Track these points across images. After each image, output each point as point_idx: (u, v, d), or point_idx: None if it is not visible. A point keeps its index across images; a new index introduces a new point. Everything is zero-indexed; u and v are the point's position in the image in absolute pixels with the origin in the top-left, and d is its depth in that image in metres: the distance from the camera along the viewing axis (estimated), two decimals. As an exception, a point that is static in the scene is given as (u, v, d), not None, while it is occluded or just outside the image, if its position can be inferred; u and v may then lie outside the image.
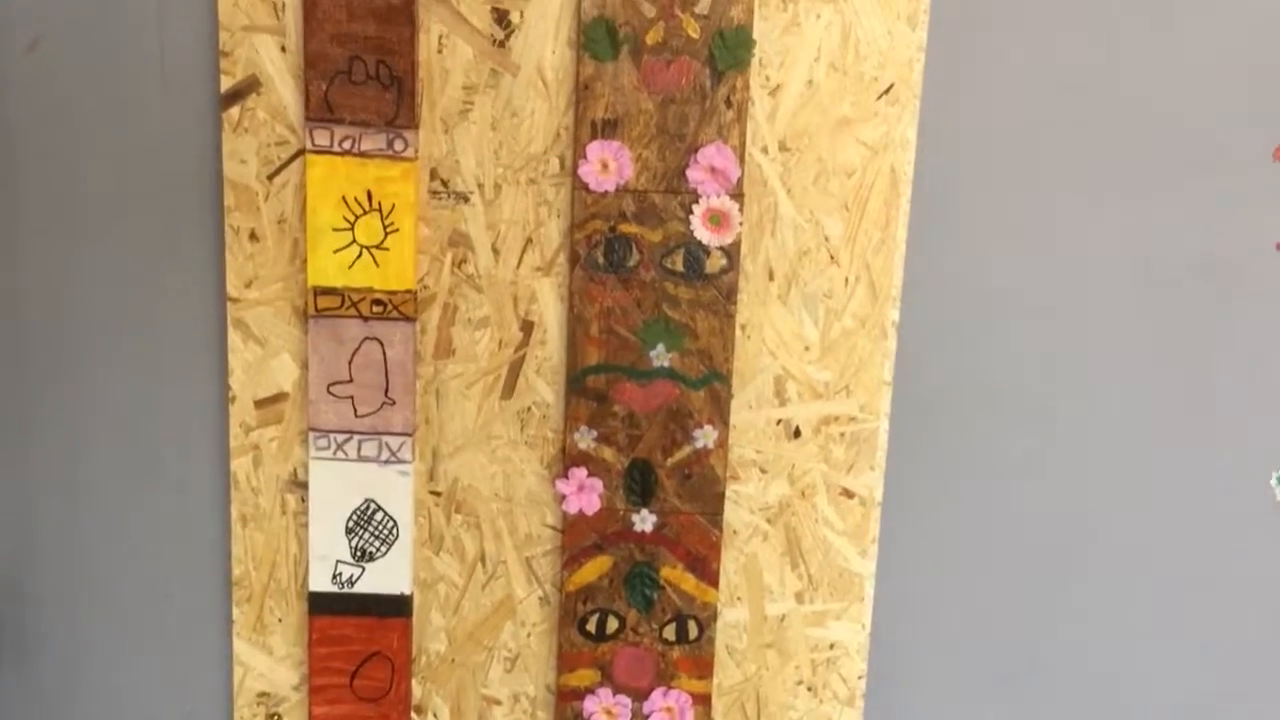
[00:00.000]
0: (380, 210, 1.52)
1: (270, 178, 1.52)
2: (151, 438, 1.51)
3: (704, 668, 1.41)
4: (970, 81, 1.43)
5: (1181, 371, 1.43)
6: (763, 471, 1.42)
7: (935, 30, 1.42)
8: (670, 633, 1.42)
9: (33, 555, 1.43)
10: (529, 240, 1.52)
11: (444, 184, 1.53)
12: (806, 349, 1.53)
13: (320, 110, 1.48)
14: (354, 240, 1.51)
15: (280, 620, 1.43)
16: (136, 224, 1.49)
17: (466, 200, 1.53)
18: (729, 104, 1.48)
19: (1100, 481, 1.41)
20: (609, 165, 1.51)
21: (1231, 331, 1.42)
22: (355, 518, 1.41)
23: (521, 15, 1.45)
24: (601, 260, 1.51)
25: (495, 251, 1.53)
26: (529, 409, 1.54)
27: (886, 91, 1.50)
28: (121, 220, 1.47)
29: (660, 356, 1.42)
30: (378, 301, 1.53)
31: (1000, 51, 1.43)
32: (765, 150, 1.50)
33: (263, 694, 1.45)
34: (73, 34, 1.39)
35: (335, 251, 1.51)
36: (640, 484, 1.40)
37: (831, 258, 1.54)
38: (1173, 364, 1.42)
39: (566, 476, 1.40)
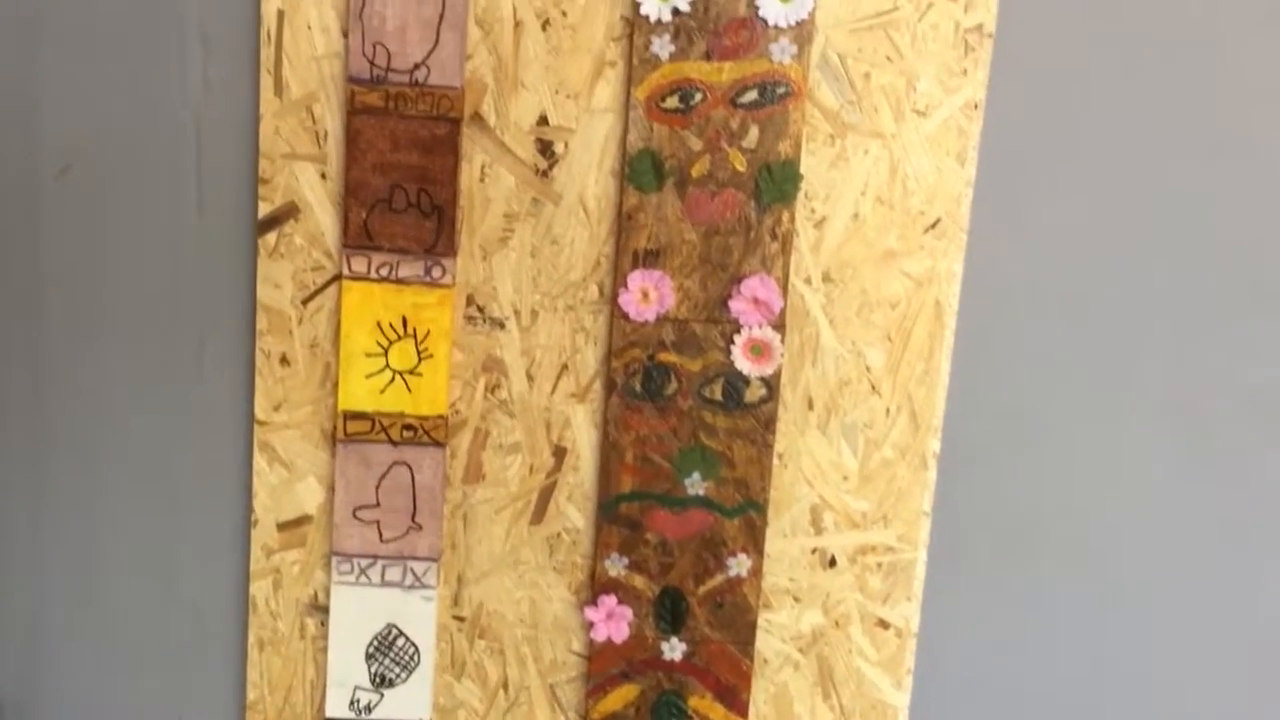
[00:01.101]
0: (415, 336, 1.55)
1: (305, 302, 1.55)
2: (171, 559, 1.53)
3: (732, 800, 1.46)
4: (1017, 217, 1.49)
5: (1224, 508, 1.47)
6: (796, 600, 1.49)
7: (984, 167, 1.47)
8: (698, 762, 1.44)
9: (44, 675, 1.47)
10: (564, 366, 1.55)
11: (480, 310, 1.56)
12: (845, 479, 1.56)
13: (359, 237, 1.52)
14: (387, 365, 1.54)
15: (295, 747, 1.46)
16: (165, 343, 1.53)
17: (502, 326, 1.57)
18: (774, 236, 1.52)
19: (1139, 619, 1.46)
20: (650, 294, 1.54)
21: (1275, 469, 1.44)
22: (376, 643, 1.46)
23: (566, 146, 1.52)
24: (639, 388, 1.54)
25: (530, 377, 1.56)
26: (559, 535, 1.58)
27: (933, 226, 1.54)
28: (150, 339, 1.52)
29: (695, 485, 1.50)
30: (408, 426, 1.57)
31: (1047, 188, 1.50)
32: (809, 281, 1.54)
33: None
34: (106, 159, 1.47)
35: (368, 376, 1.54)
36: (671, 612, 1.46)
37: (873, 388, 1.56)
38: (1216, 501, 1.46)
39: (595, 604, 1.46)
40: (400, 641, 1.55)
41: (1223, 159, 1.46)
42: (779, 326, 1.56)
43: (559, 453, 1.60)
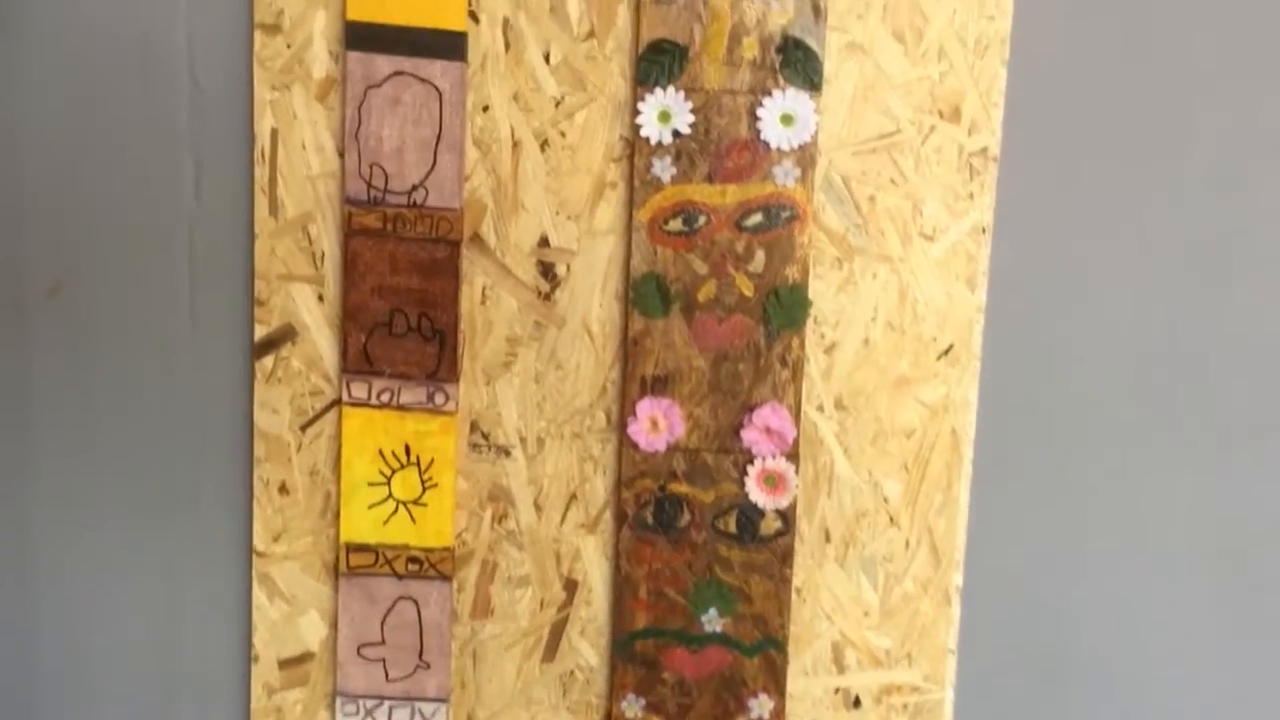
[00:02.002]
0: (418, 465, 1.57)
1: (303, 429, 1.57)
2: (169, 696, 1.51)
3: None
4: (1031, 342, 1.53)
5: (1259, 640, 1.50)
6: (822, 743, 1.44)
7: (995, 292, 1.51)
8: None
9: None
10: (573, 496, 1.57)
11: (485, 437, 1.58)
12: (866, 614, 1.56)
13: (358, 362, 1.55)
14: (390, 495, 1.56)
15: None
16: (159, 470, 1.54)
17: (508, 454, 1.58)
18: (784, 363, 1.55)
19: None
20: (659, 423, 1.56)
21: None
22: (385, 789, 1.44)
23: (568, 268, 1.55)
24: (651, 520, 1.56)
25: (538, 507, 1.57)
26: (572, 673, 1.57)
27: (946, 352, 1.58)
28: (143, 465, 1.53)
29: (712, 621, 1.50)
30: (413, 559, 1.56)
31: (1060, 312, 1.53)
32: (821, 409, 1.57)
33: None
34: (97, 278, 1.48)
35: (370, 507, 1.55)
36: (693, 756, 1.44)
37: (891, 520, 1.58)
38: (1250, 634, 1.49)
39: (615, 747, 1.41)
40: (410, 787, 1.42)
41: (1237, 274, 1.51)
42: (792, 456, 1.58)
43: (570, 586, 1.60)
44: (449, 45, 1.49)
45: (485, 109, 1.53)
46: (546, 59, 1.51)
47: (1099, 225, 1.52)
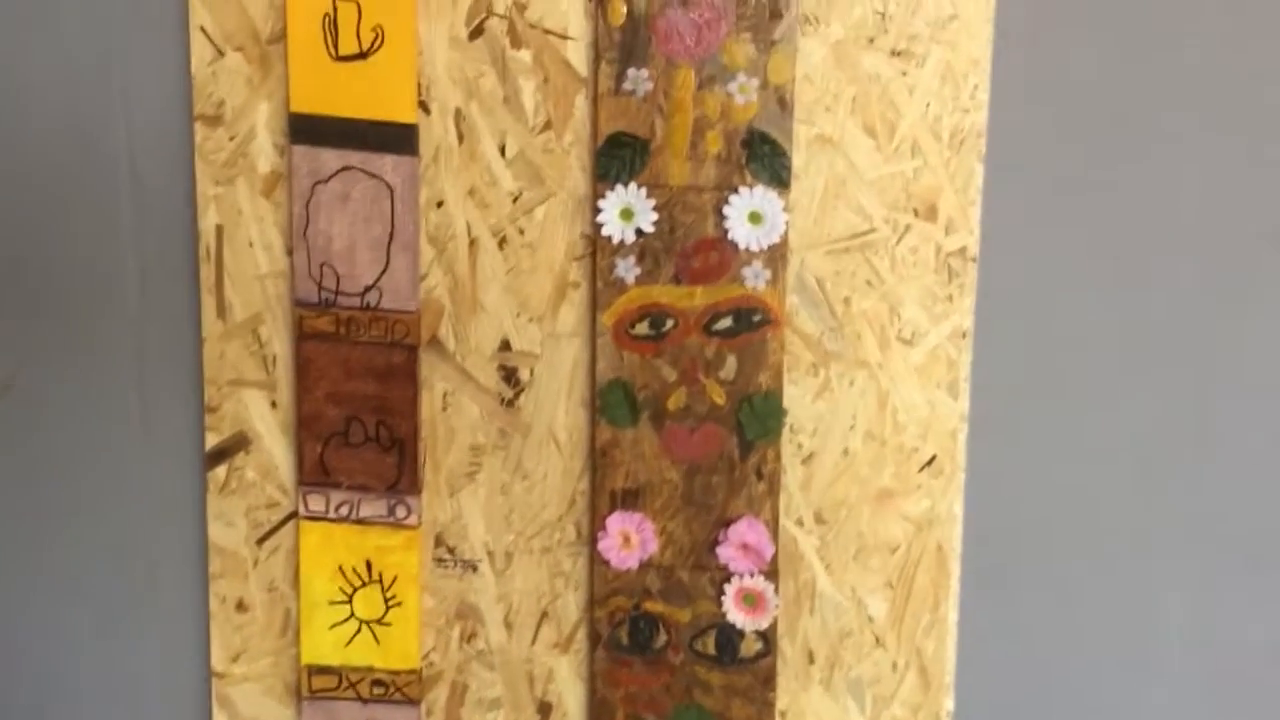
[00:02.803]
0: (381, 582, 1.54)
1: (260, 542, 1.55)
2: None
3: None
4: (1018, 453, 1.51)
5: None
6: None
7: (978, 399, 1.48)
8: None
9: None
10: (544, 614, 1.54)
11: (450, 551, 1.55)
12: (854, 741, 1.50)
13: (315, 473, 1.52)
14: (352, 614, 1.52)
15: None
16: (110, 588, 1.53)
17: (475, 569, 1.55)
18: (760, 475, 1.52)
19: None
20: (631, 539, 1.53)
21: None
22: None
23: (531, 373, 1.53)
24: (626, 640, 1.52)
25: (508, 625, 1.54)
26: (548, 802, 1.48)
27: (929, 463, 1.54)
28: (94, 583, 1.53)
29: (694, 747, 1.37)
30: (378, 682, 1.54)
31: (1047, 420, 1.51)
32: (800, 523, 1.54)
33: None
34: (45, 384, 1.49)
35: (331, 627, 1.52)
36: None
37: (877, 640, 1.55)
38: None
39: None
40: None
41: (1231, 387, 1.51)
42: (771, 574, 1.55)
43: (544, 709, 1.58)
44: (399, 139, 1.48)
45: (439, 205, 1.51)
46: (502, 152, 1.49)
47: (1086, 327, 1.50)
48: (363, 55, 1.44)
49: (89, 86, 1.45)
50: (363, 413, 1.53)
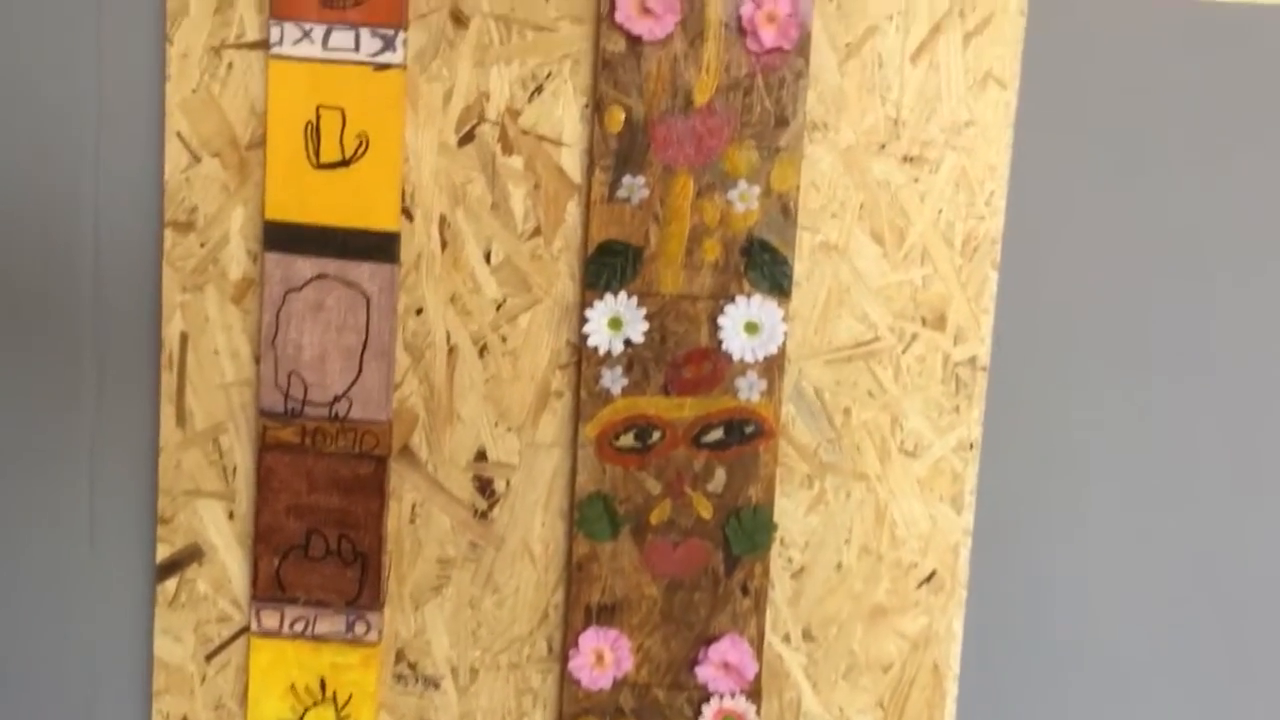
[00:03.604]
0: (335, 702, 1.58)
1: (208, 658, 1.59)
2: None
3: None
4: (1023, 570, 1.59)
5: None
6: None
7: (983, 514, 1.56)
8: None
9: None
10: (510, 733, 1.46)
11: (411, 667, 1.60)
12: None
13: (269, 589, 1.57)
14: (304, 736, 1.42)
15: None
16: (51, 703, 1.59)
17: (437, 686, 1.60)
18: (745, 592, 1.57)
19: None
20: (605, 657, 1.57)
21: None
22: None
23: (508, 484, 1.60)
24: (598, 765, 1.39)
25: (470, 746, 1.44)
26: None
27: (928, 579, 1.61)
28: (34, 698, 1.58)
29: None
30: (331, 804, 1.39)
31: (1056, 536, 1.60)
32: (787, 639, 1.60)
33: None
34: None
35: (282, 748, 1.44)
36: None
37: (865, 763, 1.43)
38: None
39: None
40: None
41: (1250, 500, 1.59)
42: (754, 694, 1.60)
43: (508, 834, 1.52)
44: (379, 246, 1.54)
45: (418, 312, 1.57)
46: (487, 258, 1.56)
47: (1097, 439, 1.55)
48: (345, 163, 1.53)
49: (57, 185, 1.53)
50: (325, 526, 1.59)
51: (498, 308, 1.61)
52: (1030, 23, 1.48)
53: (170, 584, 1.62)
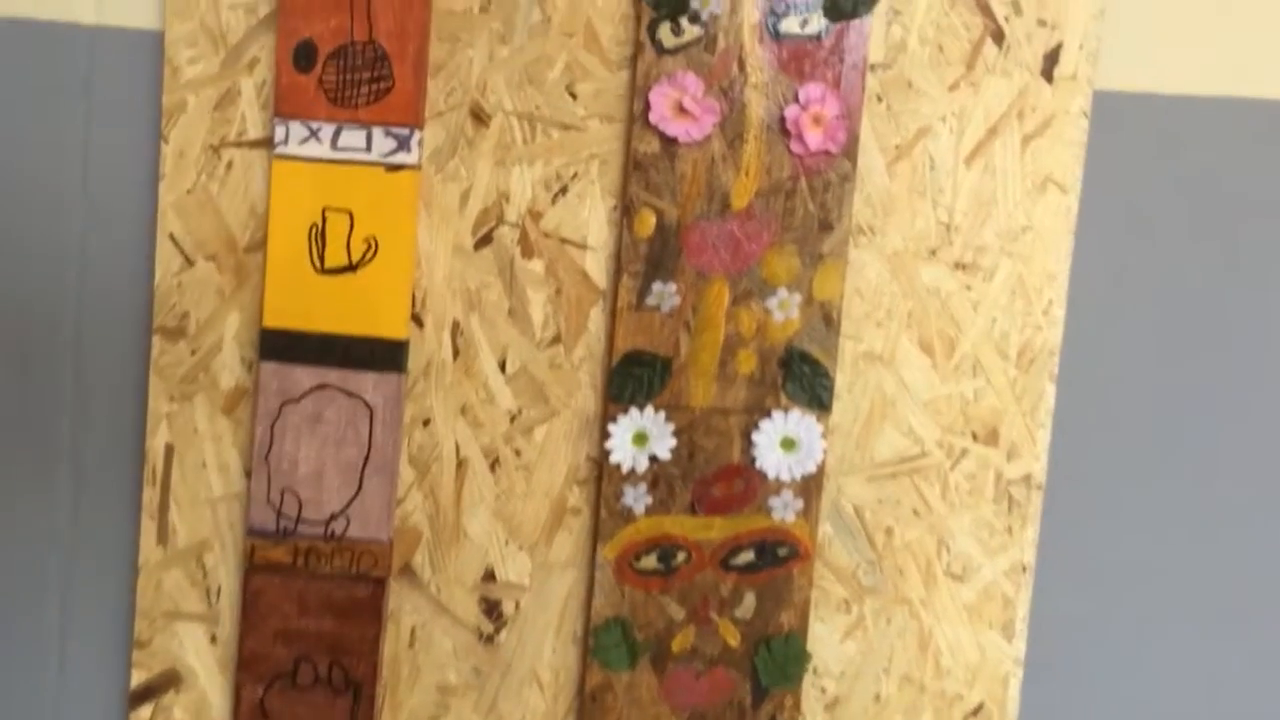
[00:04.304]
0: None
1: (183, 794, 1.38)
2: None
3: None
4: (1079, 704, 1.62)
5: None
6: None
7: (1035, 642, 1.58)
8: None
9: None
10: None
11: (406, 804, 1.41)
12: None
13: (253, 718, 1.57)
14: None
15: None
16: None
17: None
18: None
19: None
20: None
21: None
22: None
23: (517, 606, 1.60)
24: None
25: None
26: None
27: (975, 712, 1.62)
28: None
29: None
30: None
31: (1114, 667, 1.61)
32: None
33: None
34: None
35: None
36: None
37: None
38: None
39: None
40: None
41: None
42: None
43: None
44: (385, 355, 1.55)
45: (425, 423, 1.57)
46: (502, 367, 1.56)
47: (1159, 564, 1.56)
48: (351, 268, 1.54)
49: (39, 286, 1.53)
50: (315, 652, 1.57)
51: (512, 419, 1.60)
52: (1093, 124, 1.50)
53: (144, 711, 1.60)
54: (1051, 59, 1.54)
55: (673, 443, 1.58)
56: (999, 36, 1.55)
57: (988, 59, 1.55)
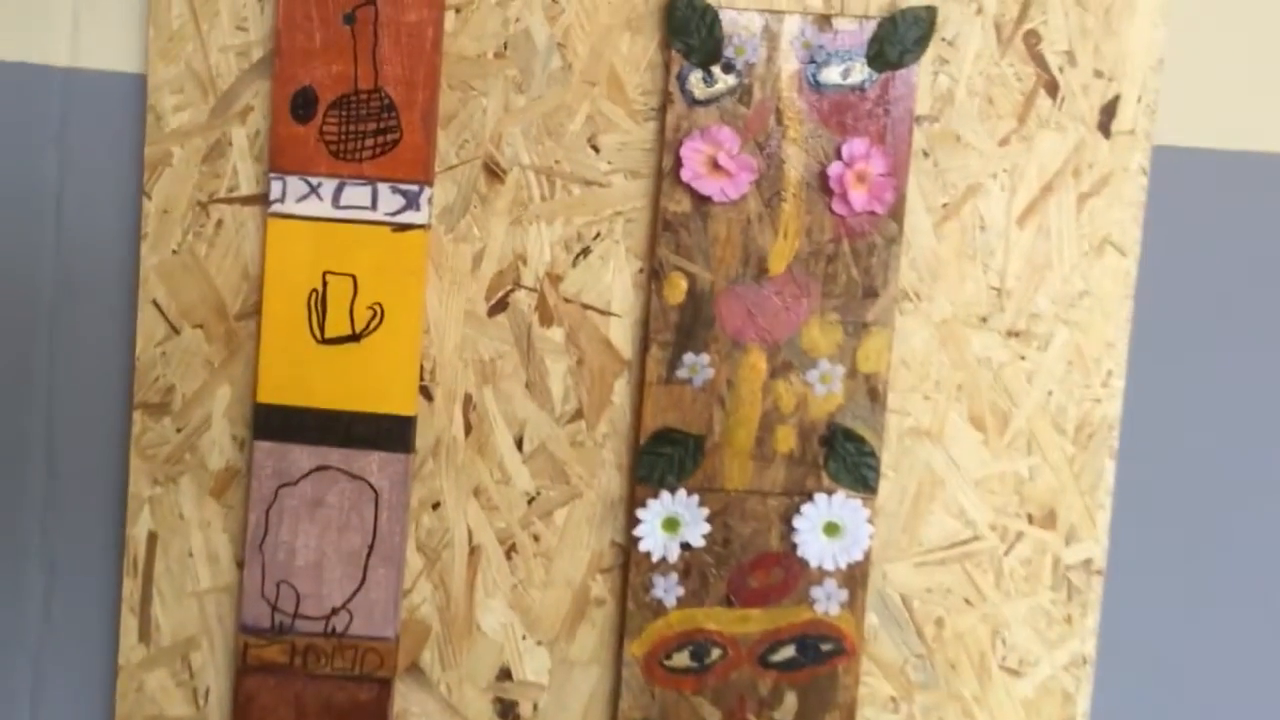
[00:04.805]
0: None
1: None
2: None
3: None
4: None
5: None
6: None
7: None
8: None
9: None
10: None
11: None
12: None
13: None
14: None
15: None
16: None
17: None
18: None
19: None
20: None
21: None
22: None
23: (535, 708, 1.52)
24: None
25: None
26: None
27: None
28: None
29: None
30: None
31: None
32: None
33: None
34: None
35: None
36: None
37: None
38: None
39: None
40: None
41: None
42: None
43: None
44: (391, 433, 1.47)
45: (435, 506, 1.51)
46: (519, 445, 1.50)
47: (1229, 657, 1.51)
48: (355, 337, 1.47)
49: (9, 358, 1.47)
50: None
51: (530, 502, 1.53)
52: (1153, 182, 1.45)
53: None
54: (1109, 112, 1.49)
55: (706, 528, 1.51)
56: (1053, 88, 1.49)
57: (1041, 112, 1.49)
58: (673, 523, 1.51)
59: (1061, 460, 1.53)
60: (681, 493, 1.50)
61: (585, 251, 1.51)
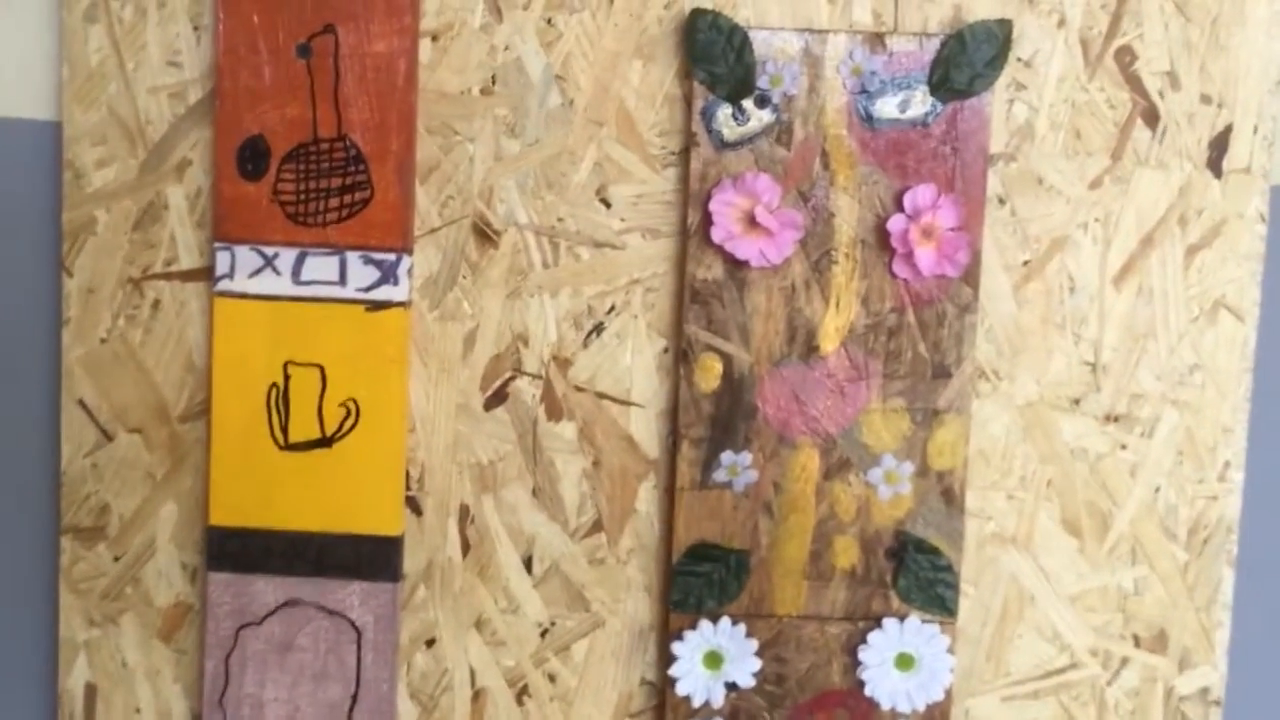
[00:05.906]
0: None
1: None
2: None
3: None
4: None
5: None
6: None
7: None
8: None
9: None
10: None
11: None
12: None
13: None
14: None
15: None
16: None
17: None
18: None
19: None
20: None
21: None
22: None
23: None
24: None
25: None
26: None
27: None
28: None
29: None
30: None
31: None
32: None
33: None
34: None
35: None
36: None
37: None
38: None
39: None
40: None
41: None
42: None
43: None
44: (374, 558, 1.29)
45: (430, 644, 1.32)
46: (528, 566, 1.32)
47: None
48: (325, 442, 1.29)
49: None
50: None
51: (543, 634, 1.33)
52: (1273, 230, 1.27)
53: None
54: (1219, 146, 1.30)
55: (755, 664, 1.35)
56: (1152, 117, 1.31)
57: (1139, 147, 1.32)
58: (715, 658, 1.33)
59: (1172, 570, 1.34)
60: (725, 621, 1.31)
61: (598, 329, 1.31)
